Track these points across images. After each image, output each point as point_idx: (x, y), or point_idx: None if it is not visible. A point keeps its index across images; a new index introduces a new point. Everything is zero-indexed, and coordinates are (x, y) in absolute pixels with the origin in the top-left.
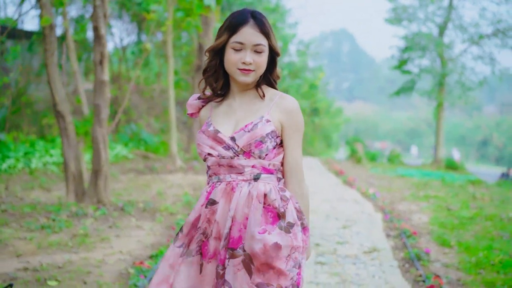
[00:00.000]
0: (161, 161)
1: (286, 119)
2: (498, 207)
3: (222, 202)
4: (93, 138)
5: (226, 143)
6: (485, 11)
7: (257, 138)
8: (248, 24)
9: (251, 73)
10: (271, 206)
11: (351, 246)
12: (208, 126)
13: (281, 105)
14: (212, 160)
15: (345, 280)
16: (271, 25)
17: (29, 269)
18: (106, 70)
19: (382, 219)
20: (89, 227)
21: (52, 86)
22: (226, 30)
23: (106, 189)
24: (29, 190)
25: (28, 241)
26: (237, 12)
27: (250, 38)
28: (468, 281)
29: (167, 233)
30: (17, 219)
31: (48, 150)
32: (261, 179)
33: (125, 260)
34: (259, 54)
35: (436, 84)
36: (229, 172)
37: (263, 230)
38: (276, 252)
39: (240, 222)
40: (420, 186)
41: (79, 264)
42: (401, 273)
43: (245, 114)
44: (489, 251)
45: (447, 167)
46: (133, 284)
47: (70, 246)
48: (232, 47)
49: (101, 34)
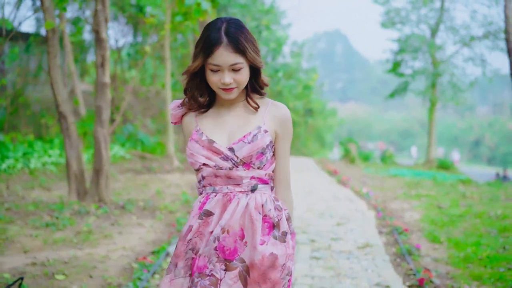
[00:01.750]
0: (158, 161)
1: (279, 128)
2: (487, 205)
3: (218, 214)
4: (94, 138)
5: (224, 153)
6: (476, 13)
7: (258, 150)
8: (222, 45)
9: (234, 90)
10: (267, 216)
11: (345, 242)
12: (200, 135)
13: (275, 114)
14: (208, 170)
15: (339, 273)
16: (249, 33)
17: (37, 264)
18: (108, 73)
19: (375, 216)
20: (92, 225)
21: (55, 88)
22: (201, 52)
23: (107, 188)
24: (30, 190)
25: (34, 237)
26: (211, 26)
27: (225, 59)
28: (456, 275)
29: (168, 230)
30: (21, 217)
31: (46, 150)
32: (258, 190)
33: (128, 255)
34: (237, 71)
35: (429, 85)
36: (226, 183)
37: (262, 241)
38: (273, 262)
39: (235, 233)
40: (412, 185)
41: (84, 259)
42: (393, 267)
43: (239, 124)
44: (477, 247)
45: (439, 167)
46: (137, 278)
47: (75, 242)
48: (210, 68)
49: (102, 37)
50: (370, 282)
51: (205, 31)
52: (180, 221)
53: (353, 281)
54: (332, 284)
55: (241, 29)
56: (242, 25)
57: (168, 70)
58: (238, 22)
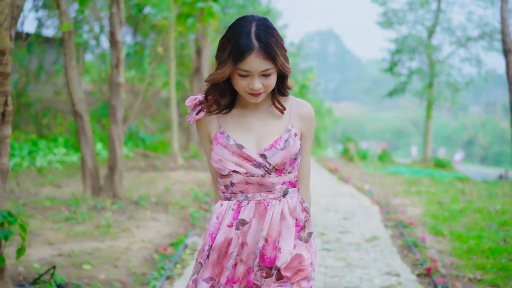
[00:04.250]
0: (161, 159)
1: (304, 127)
2: (486, 201)
3: (255, 222)
4: (109, 136)
5: (256, 160)
6: (472, 14)
7: (291, 156)
8: (253, 52)
9: (261, 95)
10: (298, 220)
11: (352, 235)
12: (227, 139)
13: (300, 113)
14: (239, 177)
15: (350, 264)
16: (278, 34)
17: (63, 255)
18: (122, 73)
19: (379, 211)
20: (110, 219)
21: (71, 88)
22: (229, 57)
23: (121, 184)
24: (40, 187)
25: (56, 230)
26: (239, 29)
27: (256, 66)
28: (460, 265)
29: (182, 224)
30: (40, 212)
31: (51, 149)
32: (289, 194)
33: (148, 247)
34: (267, 77)
35: (425, 85)
36: (259, 191)
37: (294, 245)
38: (302, 264)
39: (274, 241)
40: (411, 182)
41: (107, 251)
42: (400, 258)
43: (266, 127)
44: (479, 240)
45: (435, 165)
46: (161, 267)
47: (96, 235)
48: (239, 73)
49: (117, 39)
50: (380, 271)
51: (232, 35)
52: (194, 215)
53: (364, 270)
54: (344, 273)
55: (271, 31)
56: (271, 25)
57: (173, 70)
58: (267, 23)
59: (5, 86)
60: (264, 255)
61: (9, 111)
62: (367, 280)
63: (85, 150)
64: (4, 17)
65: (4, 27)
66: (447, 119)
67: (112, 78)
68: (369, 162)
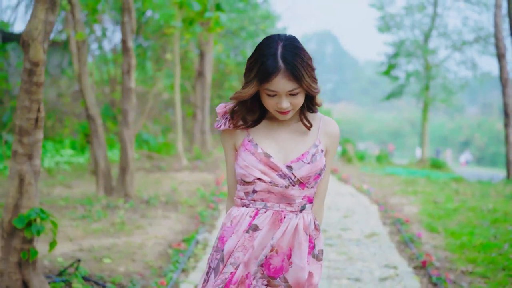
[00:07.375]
0: (165, 160)
1: (330, 144)
2: (479, 201)
3: (266, 230)
4: (120, 138)
5: (282, 171)
6: (467, 19)
7: (317, 171)
8: (280, 73)
9: (290, 112)
10: (311, 236)
11: (353, 231)
12: (255, 147)
13: (327, 131)
14: (262, 186)
15: (351, 257)
16: (305, 54)
17: (84, 250)
18: (133, 78)
19: (377, 210)
20: (124, 217)
21: (85, 92)
22: (256, 78)
23: (132, 184)
24: (51, 187)
25: (75, 227)
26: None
27: (283, 87)
28: (454, 259)
29: (192, 221)
30: (57, 210)
31: (58, 150)
32: (305, 210)
33: (161, 243)
34: (295, 96)
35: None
36: (279, 201)
37: (307, 262)
38: (311, 281)
39: (284, 253)
40: (408, 183)
41: (123, 246)
42: (397, 252)
43: (294, 140)
44: (471, 236)
45: (431, 166)
46: (176, 261)
47: (112, 232)
48: (266, 93)
49: (129, 46)
50: (379, 264)
51: (259, 56)
52: (203, 213)
53: (364, 263)
54: (346, 266)
55: (298, 52)
56: (298, 45)
57: (178, 75)
58: (294, 42)
59: (39, 94)
60: (270, 264)
61: (41, 117)
62: (367, 272)
63: (98, 152)
64: (38, 32)
65: (38, 41)
66: (443, 120)
67: (123, 83)
68: (367, 163)
